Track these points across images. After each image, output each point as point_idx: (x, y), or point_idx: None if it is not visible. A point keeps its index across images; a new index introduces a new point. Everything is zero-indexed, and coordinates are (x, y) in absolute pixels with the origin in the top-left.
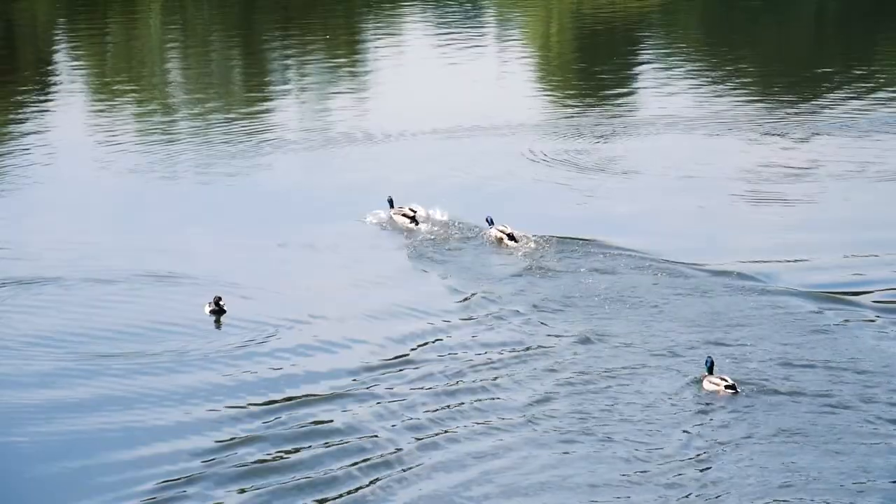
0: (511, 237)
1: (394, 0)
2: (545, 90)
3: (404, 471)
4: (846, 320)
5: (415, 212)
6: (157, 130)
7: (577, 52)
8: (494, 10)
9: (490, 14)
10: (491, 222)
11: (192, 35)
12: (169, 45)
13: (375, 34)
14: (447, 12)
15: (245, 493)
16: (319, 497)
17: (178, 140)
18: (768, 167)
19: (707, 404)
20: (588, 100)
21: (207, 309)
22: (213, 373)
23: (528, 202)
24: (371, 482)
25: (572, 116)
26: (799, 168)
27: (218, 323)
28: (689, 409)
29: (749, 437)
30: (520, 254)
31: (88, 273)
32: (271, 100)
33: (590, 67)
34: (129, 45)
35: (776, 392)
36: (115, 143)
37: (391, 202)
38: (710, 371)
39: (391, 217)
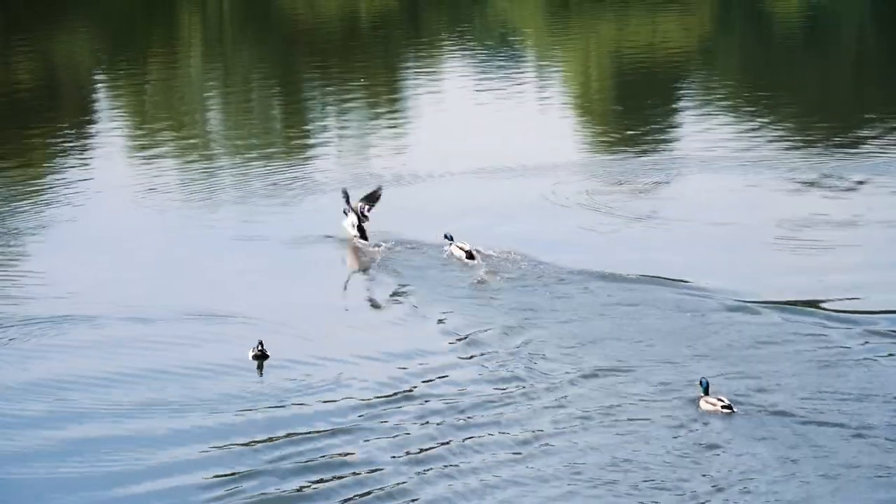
0: (470, 255)
1: (432, 43)
2: (583, 131)
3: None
4: (847, 347)
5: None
6: (197, 171)
7: (615, 93)
8: (533, 51)
9: (529, 56)
10: (450, 238)
11: (232, 77)
12: (209, 87)
13: (414, 76)
14: (486, 54)
15: None
16: None
17: (218, 181)
18: (804, 209)
19: (704, 424)
20: (627, 141)
21: (251, 354)
22: (235, 411)
23: (554, 240)
24: None
25: (611, 157)
26: (837, 211)
27: (261, 368)
28: (686, 429)
29: (746, 455)
30: (482, 271)
31: (127, 312)
32: (310, 141)
33: (628, 108)
34: (169, 87)
35: (773, 412)
36: (155, 184)
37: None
38: (706, 392)
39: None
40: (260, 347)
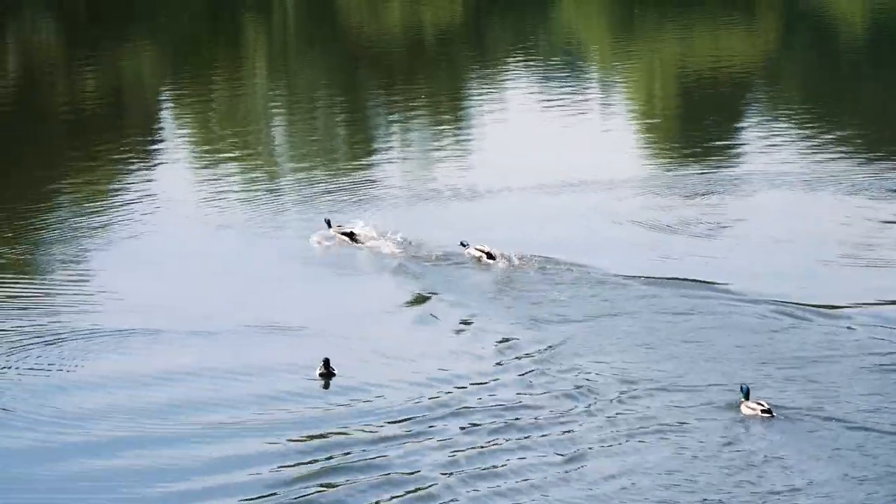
0: (490, 255)
1: (496, 57)
2: (647, 147)
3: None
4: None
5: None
6: (261, 186)
7: (679, 108)
8: (597, 67)
9: (593, 71)
10: (465, 245)
11: (296, 93)
12: (273, 103)
13: (478, 90)
14: (550, 69)
15: None
16: None
17: (282, 196)
18: (866, 224)
19: (746, 429)
20: (689, 156)
21: (317, 372)
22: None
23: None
24: None
25: (673, 173)
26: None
27: (327, 385)
28: (728, 434)
29: (787, 459)
30: (500, 268)
31: (191, 326)
32: (373, 157)
33: (692, 124)
34: (233, 103)
35: (813, 417)
36: (220, 199)
37: (328, 223)
38: (747, 397)
39: (334, 236)
40: (326, 366)
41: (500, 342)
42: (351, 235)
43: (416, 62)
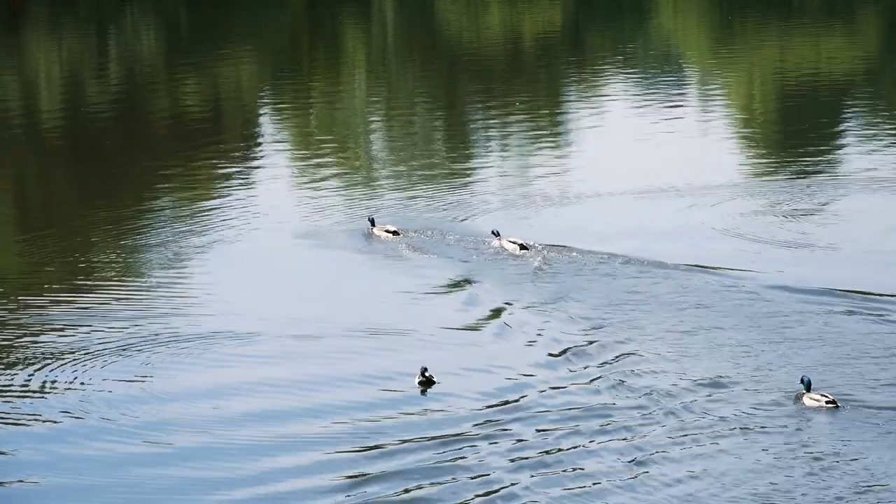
0: (523, 247)
1: (595, 63)
2: (745, 153)
3: None
4: None
5: (396, 231)
6: (360, 193)
7: (778, 114)
8: (696, 72)
9: (692, 77)
10: (497, 234)
11: (396, 100)
12: (372, 111)
13: (576, 96)
14: (649, 76)
15: None
16: None
17: (380, 203)
18: None
19: (809, 421)
20: (788, 163)
21: (416, 380)
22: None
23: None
24: None
25: (771, 180)
26: None
27: (424, 393)
28: (792, 427)
29: (857, 450)
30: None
31: (287, 330)
32: (472, 163)
33: (791, 130)
34: (332, 110)
35: (877, 407)
36: (318, 207)
37: (372, 221)
38: (808, 389)
39: (373, 233)
40: (425, 374)
41: (572, 344)
42: (395, 233)
43: (514, 67)
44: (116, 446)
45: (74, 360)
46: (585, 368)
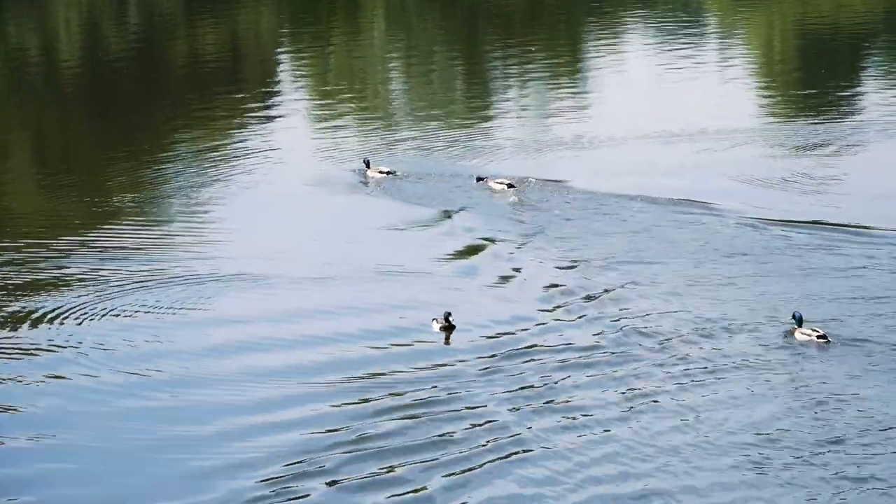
0: (510, 185)
1: (615, 12)
2: (764, 98)
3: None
4: None
5: (390, 172)
6: (378, 138)
7: (799, 59)
8: (716, 18)
9: (712, 22)
10: (482, 178)
11: (415, 46)
12: (391, 57)
13: (596, 42)
14: (668, 20)
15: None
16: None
17: (399, 147)
18: None
19: (802, 355)
20: (809, 107)
21: (437, 326)
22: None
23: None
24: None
25: (789, 124)
26: None
27: (448, 340)
28: (785, 361)
29: (850, 385)
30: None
31: (303, 273)
32: (490, 109)
33: (812, 74)
34: (351, 56)
35: (868, 341)
36: (333, 150)
37: (367, 163)
38: (800, 324)
39: (367, 175)
40: (449, 319)
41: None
42: (389, 173)
43: (533, 13)
44: (135, 394)
45: (91, 302)
46: (580, 306)
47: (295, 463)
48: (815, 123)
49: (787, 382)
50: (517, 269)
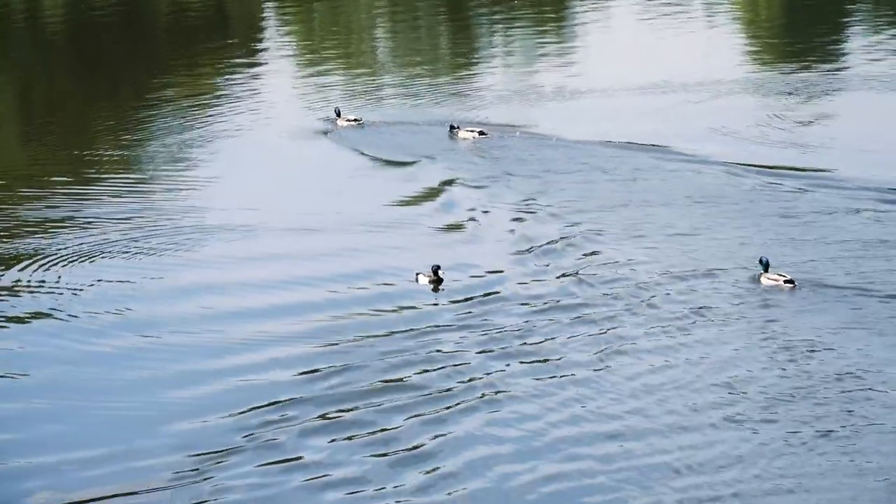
0: (482, 133)
1: None
2: (750, 49)
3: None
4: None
5: (357, 119)
6: (363, 89)
7: (783, 11)
8: None
9: None
10: (455, 127)
11: (401, 2)
12: (376, 7)
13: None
14: None
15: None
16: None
17: (384, 99)
18: None
19: (768, 300)
20: (792, 58)
21: (424, 280)
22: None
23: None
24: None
25: (775, 74)
26: None
27: (436, 292)
28: (752, 305)
29: (817, 328)
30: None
31: (287, 224)
32: (474, 58)
33: (796, 26)
34: (335, 7)
35: (834, 287)
36: (318, 101)
37: (338, 112)
38: (767, 269)
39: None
40: (438, 272)
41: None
42: (356, 121)
43: None
44: (113, 336)
45: (75, 251)
46: (552, 254)
47: (266, 406)
48: (797, 74)
49: (755, 328)
50: (486, 217)
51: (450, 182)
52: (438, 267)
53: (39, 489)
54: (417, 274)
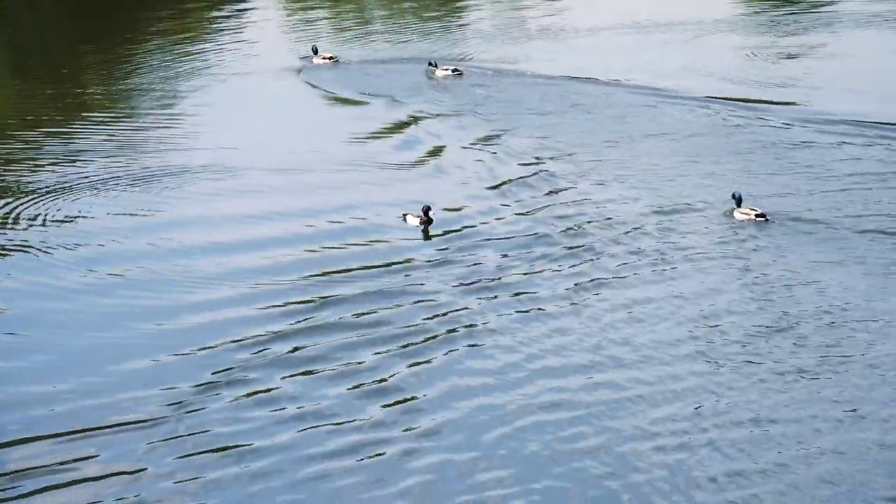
0: (456, 70)
1: None
2: None
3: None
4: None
5: (333, 57)
6: (348, 32)
7: None
8: None
9: None
10: (434, 64)
11: None
12: None
13: None
14: None
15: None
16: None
17: (368, 39)
18: None
19: (740, 234)
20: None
21: (414, 221)
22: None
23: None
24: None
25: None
26: None
27: (426, 233)
28: (724, 239)
29: (788, 260)
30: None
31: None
32: (461, 1)
33: None
34: None
35: (803, 220)
36: (304, 41)
37: (315, 50)
38: (739, 204)
39: (314, 62)
40: (428, 213)
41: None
42: (332, 59)
43: None
44: (89, 271)
45: (61, 192)
46: (528, 194)
47: (240, 340)
48: (780, 11)
49: (727, 262)
50: (459, 154)
51: (421, 119)
52: (429, 207)
53: (10, 423)
54: (405, 214)
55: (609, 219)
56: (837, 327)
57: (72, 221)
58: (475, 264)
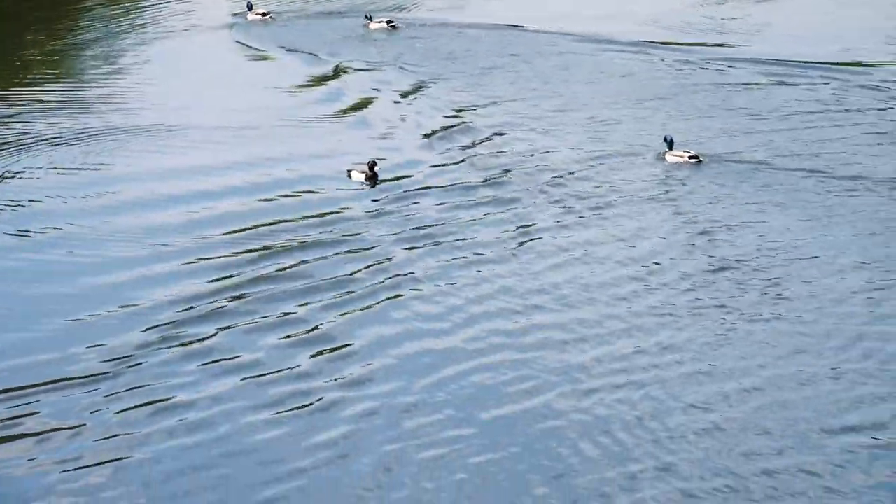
0: (390, 23)
1: None
2: None
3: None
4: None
5: (267, 13)
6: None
7: None
8: None
9: None
10: (369, 17)
11: None
12: None
13: None
14: None
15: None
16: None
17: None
18: None
19: (673, 176)
20: None
21: (359, 176)
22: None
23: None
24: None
25: None
26: None
27: (373, 187)
28: (657, 182)
29: (725, 201)
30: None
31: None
32: None
33: None
34: None
35: (738, 161)
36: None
37: (250, 6)
38: (671, 147)
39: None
40: (372, 168)
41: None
42: (266, 15)
43: None
44: (29, 231)
45: (8, 151)
46: (464, 144)
47: (189, 308)
48: None
49: (661, 205)
50: (390, 106)
51: (353, 72)
52: (375, 162)
53: None
54: (349, 170)
55: (545, 164)
56: (776, 266)
57: (8, 180)
58: (413, 214)
